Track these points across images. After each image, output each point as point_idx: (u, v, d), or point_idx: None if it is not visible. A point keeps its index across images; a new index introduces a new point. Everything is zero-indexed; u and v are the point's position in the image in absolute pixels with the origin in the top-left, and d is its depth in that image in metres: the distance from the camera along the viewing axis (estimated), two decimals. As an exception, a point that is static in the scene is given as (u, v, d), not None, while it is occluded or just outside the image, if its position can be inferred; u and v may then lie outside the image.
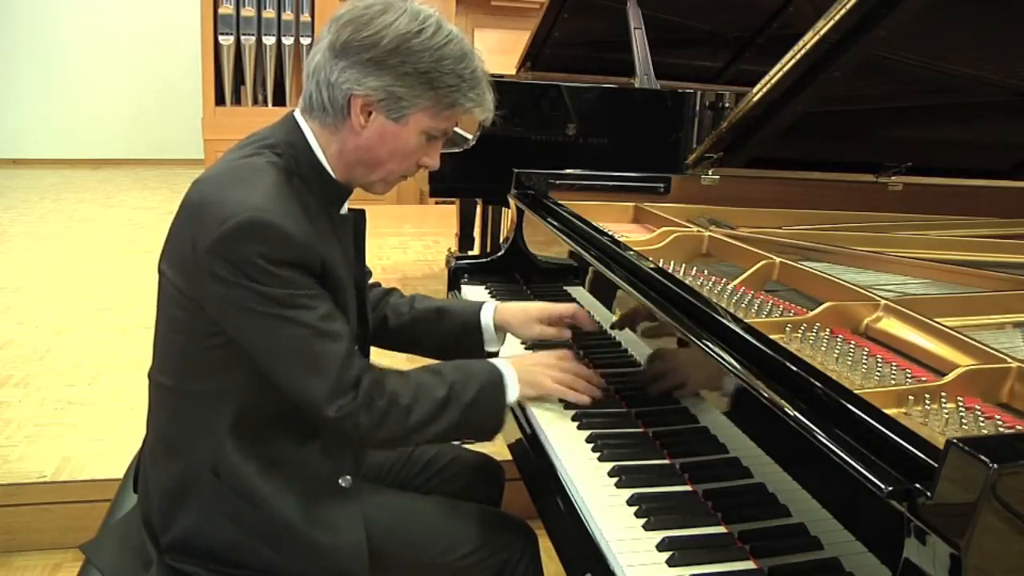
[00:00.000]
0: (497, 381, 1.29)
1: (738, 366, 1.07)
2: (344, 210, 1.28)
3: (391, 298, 1.53)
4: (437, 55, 1.15)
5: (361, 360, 1.19)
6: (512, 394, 1.30)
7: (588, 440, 1.29)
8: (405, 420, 1.19)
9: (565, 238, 1.71)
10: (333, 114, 1.18)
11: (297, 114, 1.22)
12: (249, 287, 1.08)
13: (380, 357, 1.42)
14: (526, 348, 1.64)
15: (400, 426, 1.19)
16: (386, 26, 1.13)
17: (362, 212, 1.32)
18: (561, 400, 1.37)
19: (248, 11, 5.85)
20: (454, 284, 2.09)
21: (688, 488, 1.18)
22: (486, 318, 1.50)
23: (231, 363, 1.16)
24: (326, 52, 1.16)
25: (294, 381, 1.13)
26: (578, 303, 1.60)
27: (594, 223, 1.69)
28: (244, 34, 5.86)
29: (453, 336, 1.49)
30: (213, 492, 1.20)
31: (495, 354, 1.52)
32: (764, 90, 1.71)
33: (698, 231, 1.78)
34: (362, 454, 1.37)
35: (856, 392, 0.94)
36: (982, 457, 0.71)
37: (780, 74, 1.67)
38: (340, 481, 1.25)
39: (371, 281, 1.50)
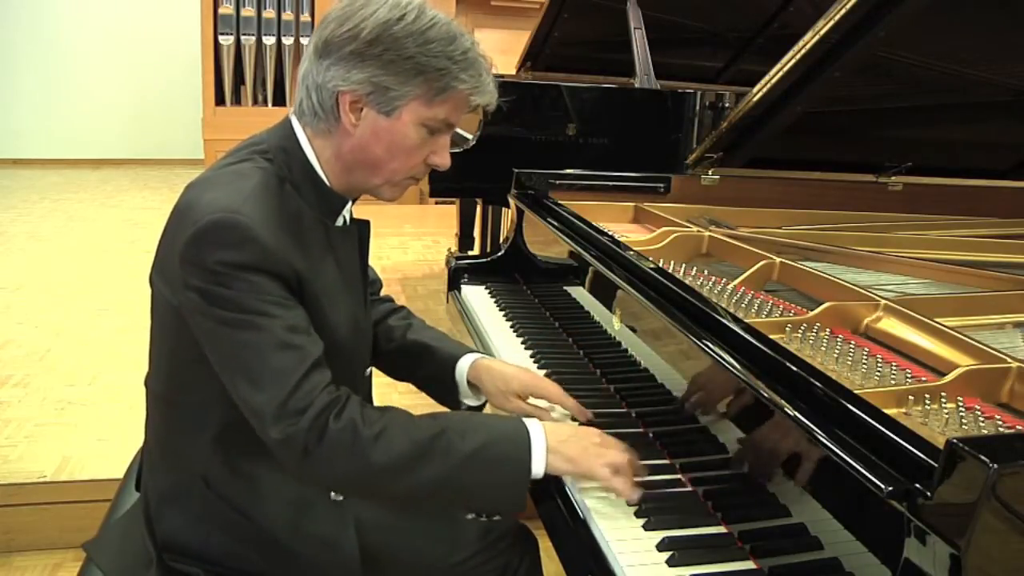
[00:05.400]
0: (519, 438, 1.10)
1: (738, 366, 1.07)
2: (343, 221, 1.22)
3: (391, 319, 1.45)
4: (422, 39, 1.08)
5: (323, 380, 1.06)
6: (539, 464, 1.09)
7: (588, 440, 1.29)
8: (366, 457, 1.03)
9: (565, 238, 1.71)
10: (324, 117, 1.13)
11: (293, 118, 1.18)
12: (214, 291, 1.04)
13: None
14: None
15: (360, 463, 1.03)
16: (366, 18, 1.09)
17: (367, 223, 1.27)
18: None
19: (248, 11, 5.86)
20: (454, 284, 2.09)
21: (688, 488, 1.18)
22: (461, 368, 1.36)
23: (215, 373, 1.10)
24: (312, 55, 1.13)
25: (243, 392, 1.04)
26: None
27: (594, 223, 1.69)
28: (244, 34, 5.87)
29: (430, 378, 1.40)
30: (204, 501, 1.18)
31: (475, 408, 1.37)
32: (764, 90, 1.71)
33: (698, 231, 1.78)
34: None
35: (856, 392, 0.94)
36: (982, 457, 0.71)
37: (780, 74, 1.67)
38: (332, 494, 1.21)
39: (382, 295, 1.46)
